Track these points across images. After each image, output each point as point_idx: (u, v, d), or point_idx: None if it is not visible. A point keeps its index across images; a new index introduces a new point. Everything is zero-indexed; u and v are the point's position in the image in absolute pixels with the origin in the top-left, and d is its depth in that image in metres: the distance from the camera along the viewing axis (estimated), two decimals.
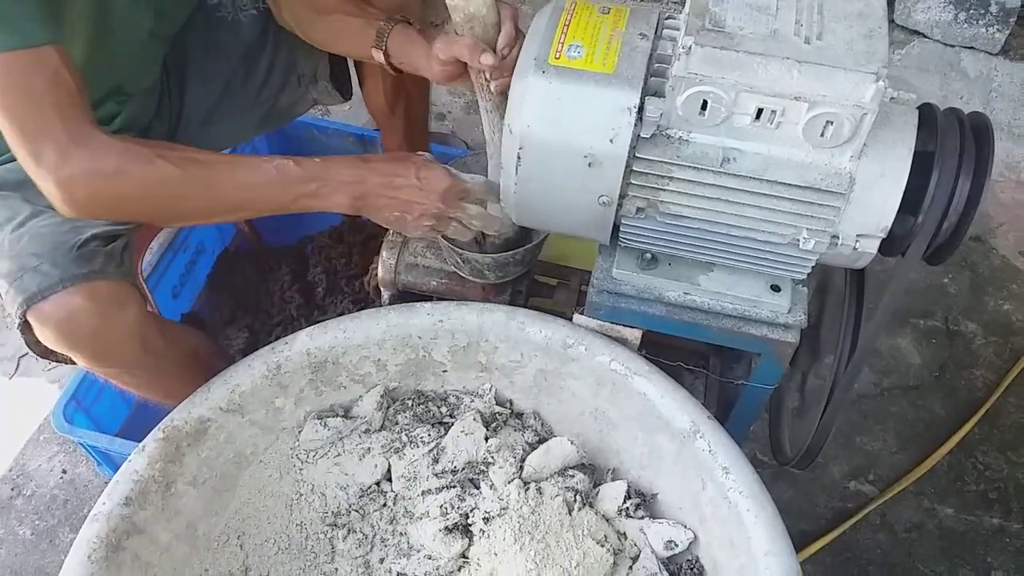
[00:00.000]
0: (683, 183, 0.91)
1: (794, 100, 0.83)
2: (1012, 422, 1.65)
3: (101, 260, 1.00)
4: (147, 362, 1.08)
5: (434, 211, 1.03)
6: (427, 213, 1.03)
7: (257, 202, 1.01)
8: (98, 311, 0.98)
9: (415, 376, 1.18)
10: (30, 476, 1.56)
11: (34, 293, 0.96)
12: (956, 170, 0.88)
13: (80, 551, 0.96)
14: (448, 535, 1.07)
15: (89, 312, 0.97)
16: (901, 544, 1.50)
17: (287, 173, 0.97)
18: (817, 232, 0.92)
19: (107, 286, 0.99)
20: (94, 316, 0.98)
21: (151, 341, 1.06)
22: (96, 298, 0.98)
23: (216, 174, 0.97)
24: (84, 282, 0.97)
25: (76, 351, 1.01)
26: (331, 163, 1.00)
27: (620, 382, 1.07)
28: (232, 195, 0.99)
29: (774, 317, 1.04)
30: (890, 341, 1.74)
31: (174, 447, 1.04)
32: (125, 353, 1.04)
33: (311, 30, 1.19)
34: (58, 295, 0.96)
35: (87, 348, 1.01)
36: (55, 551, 1.47)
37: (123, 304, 1.01)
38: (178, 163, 0.94)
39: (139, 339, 1.04)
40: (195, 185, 0.96)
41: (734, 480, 0.98)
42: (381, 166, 1.02)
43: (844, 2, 0.87)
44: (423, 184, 1.01)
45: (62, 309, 0.97)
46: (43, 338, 1.00)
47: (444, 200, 1.03)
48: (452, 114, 2.11)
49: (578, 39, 0.91)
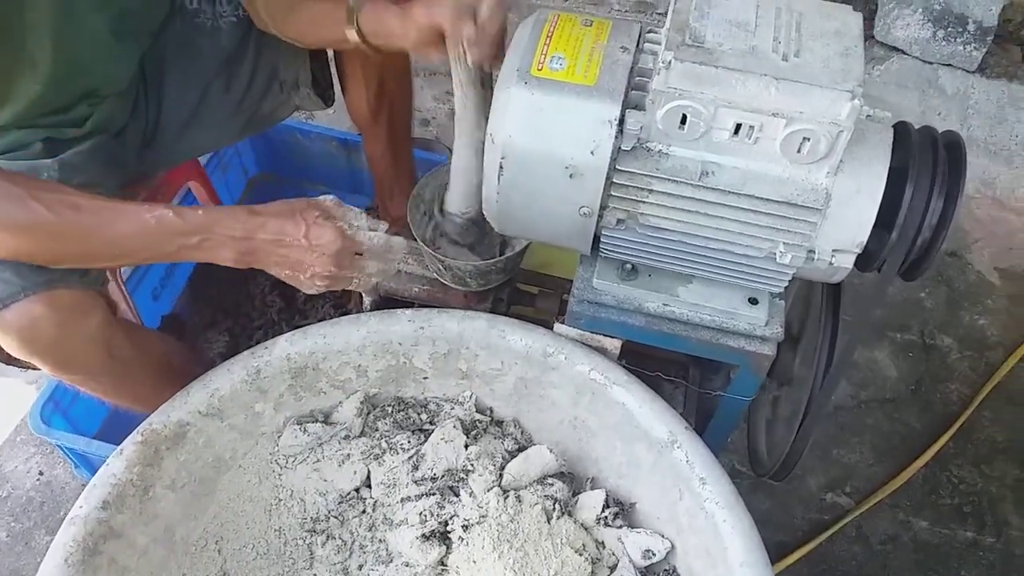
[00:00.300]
0: (662, 196, 0.93)
1: (772, 116, 0.85)
2: (986, 436, 1.67)
3: (63, 270, 0.99)
4: (113, 369, 1.07)
5: (326, 273, 1.00)
6: (318, 274, 1.00)
7: (138, 252, 0.97)
8: (59, 320, 0.98)
9: (395, 383, 1.19)
10: (6, 478, 1.54)
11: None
12: (930, 187, 0.89)
13: (56, 554, 0.95)
14: (425, 542, 1.08)
15: (50, 321, 0.97)
16: (876, 556, 1.52)
17: (167, 225, 0.93)
18: (793, 246, 0.93)
19: (69, 295, 0.99)
20: (55, 325, 0.97)
21: (117, 348, 1.06)
22: (57, 307, 0.97)
23: (93, 223, 0.92)
24: (45, 290, 0.96)
25: (38, 359, 1.01)
26: (219, 216, 0.95)
27: (599, 391, 1.08)
28: (109, 245, 0.95)
29: (751, 329, 1.05)
30: (867, 354, 1.76)
31: (152, 451, 1.04)
32: (88, 361, 1.04)
33: (285, 25, 1.17)
34: (19, 303, 0.96)
35: (49, 356, 1.01)
36: (31, 553, 1.46)
37: (86, 312, 1.01)
38: (53, 208, 0.89)
39: (103, 346, 1.03)
40: (70, 232, 0.92)
41: (711, 491, 0.98)
42: (271, 222, 0.96)
43: (822, 20, 0.89)
44: (313, 245, 0.96)
45: (23, 317, 0.96)
46: (6, 346, 0.99)
47: (336, 263, 0.99)
48: (436, 120, 2.12)
49: (560, 51, 0.92)
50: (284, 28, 1.18)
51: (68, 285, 0.99)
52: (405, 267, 1.24)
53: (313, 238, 0.96)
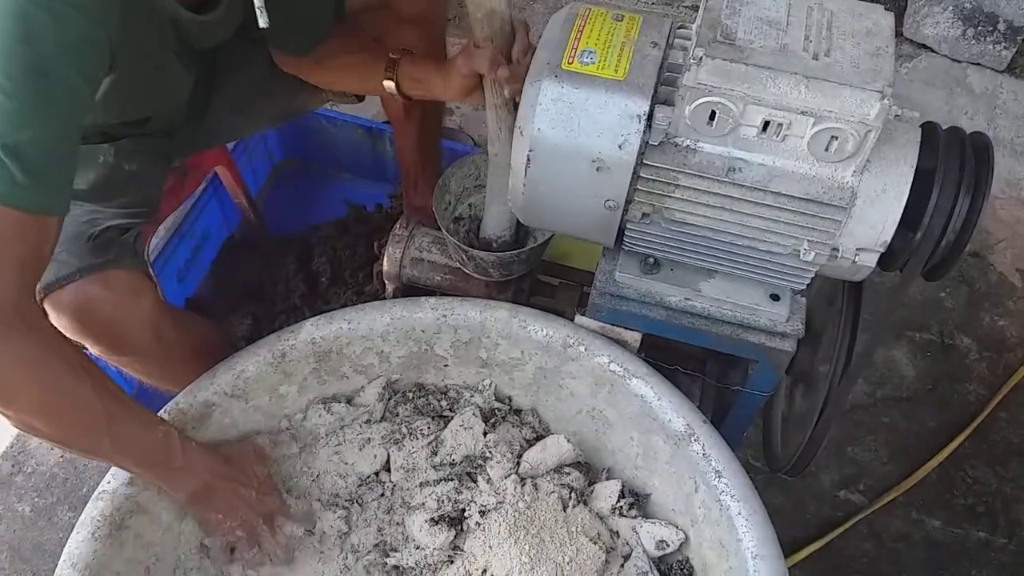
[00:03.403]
0: (689, 191, 0.93)
1: (800, 114, 0.85)
2: (1002, 437, 1.66)
3: (116, 249, 1.01)
4: (159, 351, 1.09)
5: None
6: None
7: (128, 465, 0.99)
8: (114, 300, 1.00)
9: (417, 369, 1.20)
10: (31, 454, 1.57)
11: (51, 281, 0.98)
12: (956, 188, 0.90)
13: (85, 528, 0.97)
14: (434, 526, 1.09)
15: (105, 301, 0.99)
16: (888, 554, 1.52)
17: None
18: (818, 244, 0.94)
19: (123, 275, 1.01)
20: (110, 305, 0.99)
21: (164, 330, 1.08)
22: (112, 287, 0.99)
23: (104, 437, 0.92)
24: (100, 271, 0.99)
25: (90, 339, 1.02)
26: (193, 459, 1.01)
27: (618, 383, 1.09)
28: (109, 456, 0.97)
29: (772, 325, 1.05)
30: (885, 352, 1.76)
31: (179, 429, 1.06)
32: (138, 342, 1.06)
33: (311, 74, 1.20)
34: (75, 284, 0.98)
35: (102, 336, 1.03)
36: (53, 528, 1.48)
37: (138, 293, 1.03)
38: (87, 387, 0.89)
39: (152, 328, 1.05)
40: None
41: (727, 484, 0.99)
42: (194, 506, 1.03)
43: (853, 20, 0.89)
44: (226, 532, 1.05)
45: (79, 297, 0.98)
46: (59, 325, 1.00)
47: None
48: (460, 109, 2.13)
49: (591, 45, 0.92)
50: (310, 76, 1.20)
51: (122, 265, 1.01)
52: (428, 256, 1.25)
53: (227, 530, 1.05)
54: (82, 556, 0.96)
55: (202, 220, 1.65)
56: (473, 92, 1.04)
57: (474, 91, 1.04)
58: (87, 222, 1.02)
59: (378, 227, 1.67)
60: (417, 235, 1.26)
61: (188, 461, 1.00)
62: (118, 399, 0.94)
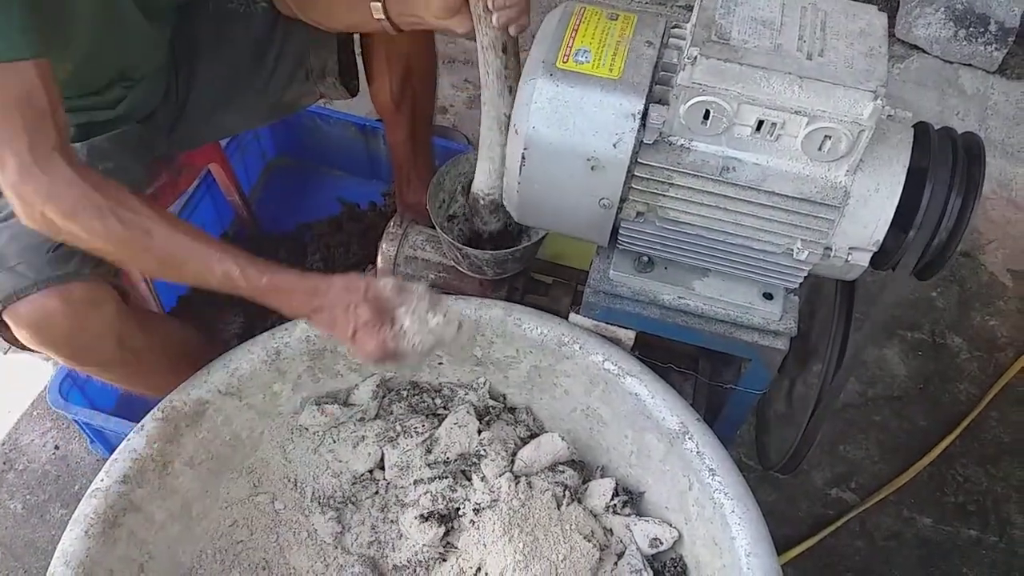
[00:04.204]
0: (683, 190, 0.94)
1: (794, 114, 0.86)
2: (993, 436, 1.67)
3: (77, 262, 1.00)
4: (125, 359, 1.08)
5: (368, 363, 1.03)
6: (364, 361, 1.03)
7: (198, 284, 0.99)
8: (71, 313, 0.99)
9: (411, 367, 1.20)
10: (23, 451, 1.57)
11: (9, 294, 0.97)
12: (948, 188, 0.90)
13: (78, 526, 0.97)
14: (424, 522, 1.09)
15: (63, 314, 0.98)
16: (879, 552, 1.53)
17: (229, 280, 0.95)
18: (811, 243, 0.94)
19: (81, 288, 1.00)
20: (67, 318, 0.98)
21: (129, 339, 1.06)
22: (70, 300, 0.98)
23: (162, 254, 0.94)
24: (58, 284, 0.98)
25: (52, 351, 1.02)
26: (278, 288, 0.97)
27: (612, 381, 1.10)
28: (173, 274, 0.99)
29: (765, 324, 1.06)
30: (877, 352, 1.77)
31: (172, 427, 1.06)
32: (100, 352, 1.05)
33: (308, 7, 1.18)
34: (32, 297, 0.97)
35: (62, 348, 1.02)
36: (45, 526, 1.48)
37: (98, 304, 1.02)
38: (129, 229, 0.91)
39: (114, 338, 1.04)
40: (138, 255, 0.95)
41: (720, 482, 1.00)
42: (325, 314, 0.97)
43: (847, 20, 0.89)
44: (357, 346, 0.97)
45: (37, 311, 0.97)
46: (20, 338, 1.00)
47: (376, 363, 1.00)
48: (454, 108, 2.13)
49: (586, 44, 0.93)
50: (307, 10, 1.19)
51: (81, 278, 1.00)
52: (422, 254, 1.25)
53: (358, 341, 0.96)
54: (75, 554, 0.96)
55: (195, 218, 1.65)
56: (456, 12, 0.97)
57: (457, 12, 0.97)
58: None
59: (371, 225, 1.67)
60: (411, 233, 1.26)
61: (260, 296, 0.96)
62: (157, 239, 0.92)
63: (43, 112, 0.87)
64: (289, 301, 0.97)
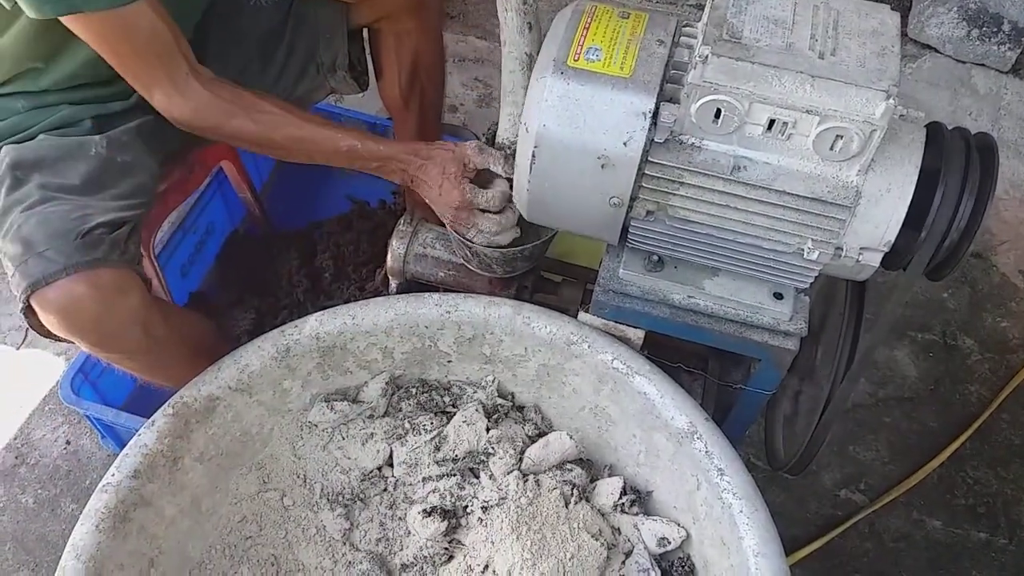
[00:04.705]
0: (693, 189, 0.93)
1: (806, 113, 0.85)
2: (1004, 438, 1.67)
3: (105, 247, 1.01)
4: (149, 347, 1.09)
5: (448, 216, 1.14)
6: (443, 215, 1.15)
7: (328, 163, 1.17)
8: (100, 298, 0.99)
9: (420, 365, 1.20)
10: (34, 445, 1.58)
11: (38, 279, 0.97)
12: (960, 189, 0.90)
13: (89, 520, 0.98)
14: (426, 517, 1.09)
15: (91, 299, 0.98)
16: (888, 554, 1.53)
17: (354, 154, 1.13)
18: (822, 243, 0.94)
19: (110, 274, 1.00)
20: (96, 303, 0.99)
21: (153, 327, 1.07)
22: (98, 286, 0.99)
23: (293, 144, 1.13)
24: (87, 269, 0.98)
25: (78, 337, 1.03)
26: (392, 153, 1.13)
27: (621, 380, 1.10)
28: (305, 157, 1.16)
29: (775, 324, 1.06)
30: (887, 352, 1.76)
31: (183, 423, 1.06)
32: (127, 339, 1.06)
33: None
34: (61, 282, 0.97)
35: (89, 334, 1.03)
36: (56, 520, 1.49)
37: (125, 291, 1.02)
38: (265, 125, 1.10)
39: (141, 326, 1.05)
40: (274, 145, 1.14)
41: (729, 482, 1.00)
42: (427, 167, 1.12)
43: (859, 19, 0.89)
44: (442, 197, 1.11)
45: (65, 296, 0.98)
46: (46, 323, 1.01)
47: (455, 217, 1.12)
48: (464, 106, 2.13)
49: (597, 43, 0.93)
50: None
51: (109, 264, 1.01)
52: (432, 252, 1.25)
53: (444, 192, 1.11)
54: (86, 548, 0.96)
55: (206, 215, 1.66)
56: None
57: None
58: (77, 218, 1.01)
59: (381, 223, 1.67)
60: (421, 231, 1.27)
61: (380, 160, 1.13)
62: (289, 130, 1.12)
63: (169, 44, 1.01)
64: (399, 165, 1.13)
